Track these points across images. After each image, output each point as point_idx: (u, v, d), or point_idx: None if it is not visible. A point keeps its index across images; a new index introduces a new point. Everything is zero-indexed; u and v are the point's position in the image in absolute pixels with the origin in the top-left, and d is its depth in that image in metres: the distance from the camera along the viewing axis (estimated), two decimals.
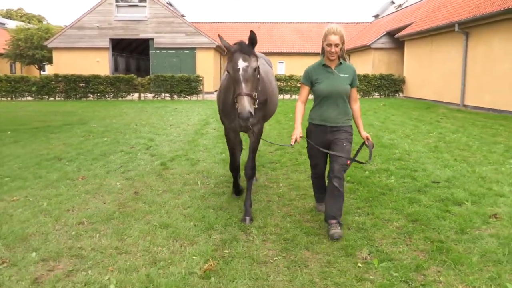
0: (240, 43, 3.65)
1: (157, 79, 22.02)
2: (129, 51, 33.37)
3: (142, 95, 22.43)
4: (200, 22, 36.94)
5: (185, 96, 22.27)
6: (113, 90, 21.82)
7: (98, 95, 21.77)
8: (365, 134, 3.99)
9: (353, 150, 4.18)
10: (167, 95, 22.27)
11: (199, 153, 7.60)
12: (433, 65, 18.39)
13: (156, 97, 22.22)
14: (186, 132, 10.24)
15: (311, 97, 4.08)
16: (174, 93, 22.16)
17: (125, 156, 7.35)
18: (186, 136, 9.59)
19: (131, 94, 22.38)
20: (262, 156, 7.09)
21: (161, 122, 12.15)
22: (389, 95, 22.32)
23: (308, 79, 3.94)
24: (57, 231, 3.91)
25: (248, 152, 4.45)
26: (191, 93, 22.26)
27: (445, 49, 17.24)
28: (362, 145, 4.09)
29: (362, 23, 38.00)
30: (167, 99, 22.13)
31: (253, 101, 3.55)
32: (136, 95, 22.44)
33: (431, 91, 18.61)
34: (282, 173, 6.09)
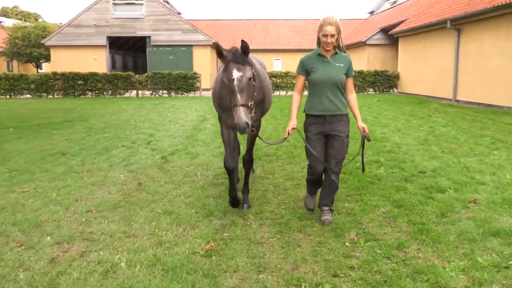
0: (234, 52, 3.66)
1: (154, 76, 22.28)
2: (126, 49, 33.53)
3: (140, 92, 22.68)
4: (196, 20, 37.08)
5: (182, 93, 22.54)
6: (111, 87, 22.07)
7: (96, 92, 22.01)
8: (362, 125, 3.96)
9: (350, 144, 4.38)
10: (165, 92, 22.53)
11: (198, 147, 7.89)
12: (426, 61, 18.73)
13: (154, 94, 22.48)
14: (184, 127, 10.52)
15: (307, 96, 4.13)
16: (172, 90, 22.42)
17: (126, 150, 7.64)
18: (184, 131, 9.87)
19: (129, 91, 22.65)
20: (259, 150, 7.39)
21: (160, 118, 12.43)
22: (384, 91, 22.65)
23: (304, 68, 3.96)
24: (68, 218, 4.21)
25: (246, 145, 4.65)
26: (188, 90, 22.53)
27: (437, 45, 17.57)
28: (363, 140, 4.04)
29: (357, 19, 38.29)
30: (165, 96, 22.39)
31: (249, 111, 3.58)
32: (134, 92, 22.69)
33: (424, 87, 18.95)
34: (278, 165, 6.40)
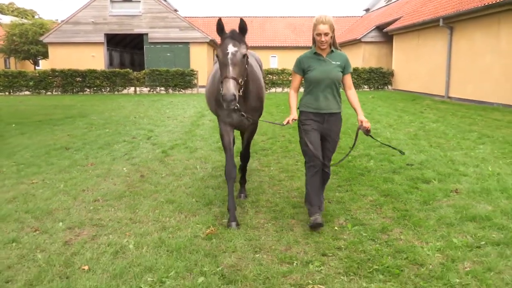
0: (232, 30, 3.75)
1: (152, 73, 22.50)
2: (123, 46, 33.70)
3: (138, 89, 22.91)
4: (193, 17, 37.28)
5: (180, 89, 22.78)
6: (109, 84, 22.28)
7: (94, 89, 22.22)
8: (362, 119, 3.92)
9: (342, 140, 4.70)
10: (162, 89, 22.77)
11: (196, 142, 8.19)
12: (420, 58, 19.07)
13: (152, 91, 22.71)
14: (183, 123, 10.81)
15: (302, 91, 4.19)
16: (169, 87, 22.66)
17: (128, 145, 7.93)
18: (183, 127, 10.16)
19: (127, 88, 22.85)
20: (255, 145, 7.69)
21: (158, 115, 12.70)
22: (378, 87, 22.98)
23: (300, 67, 3.98)
24: (77, 207, 4.51)
25: (243, 143, 4.77)
26: (185, 87, 22.77)
27: (431, 43, 17.91)
28: (357, 131, 3.98)
29: (353, 16, 38.59)
30: (162, 92, 22.63)
31: (238, 87, 3.60)
32: (132, 89, 22.91)
33: (418, 84, 19.30)
34: (273, 159, 6.71)
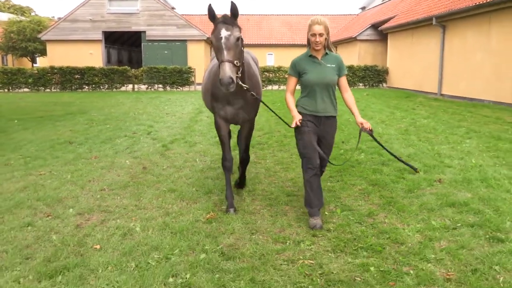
0: (223, 15, 3.77)
1: (150, 70, 22.76)
2: (121, 43, 33.92)
3: (136, 86, 23.16)
4: (190, 15, 37.48)
5: (177, 87, 23.05)
6: (107, 81, 22.53)
7: (93, 86, 22.46)
8: (361, 121, 4.01)
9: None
10: (160, 86, 23.03)
11: (195, 137, 8.50)
12: (414, 56, 19.43)
13: (150, 88, 22.97)
14: (181, 119, 11.10)
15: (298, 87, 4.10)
16: (167, 84, 22.92)
17: (129, 140, 8.22)
18: (182, 123, 10.46)
19: (125, 86, 23.11)
20: (251, 139, 7.98)
21: (157, 111, 12.99)
22: (373, 85, 23.34)
23: (296, 70, 3.98)
24: (85, 195, 4.81)
25: (241, 142, 4.95)
26: (183, 84, 23.05)
27: (424, 41, 18.26)
28: (360, 133, 4.14)
29: (349, 15, 38.92)
30: (160, 90, 22.89)
31: (235, 69, 3.61)
32: (130, 86, 23.16)
33: (412, 81, 19.66)
34: (269, 152, 7.03)
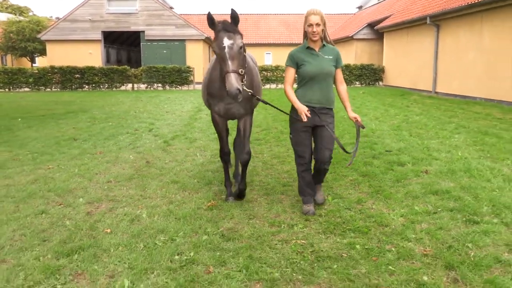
0: (224, 22, 3.74)
1: (149, 70, 23.06)
2: (120, 43, 34.18)
3: (135, 85, 23.46)
4: (189, 14, 37.79)
5: (176, 86, 23.36)
6: (107, 80, 22.82)
7: (93, 85, 22.75)
8: (353, 115, 4.02)
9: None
10: (159, 85, 23.33)
11: (195, 133, 8.81)
12: (409, 55, 19.77)
13: (149, 87, 23.27)
14: (181, 117, 11.41)
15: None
16: (166, 83, 23.23)
17: (131, 136, 8.53)
18: (182, 120, 10.77)
19: (124, 85, 23.40)
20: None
21: (157, 110, 13.29)
22: (370, 84, 23.68)
23: (294, 60, 3.99)
24: (93, 186, 5.12)
25: (240, 139, 4.92)
26: (182, 83, 23.36)
27: (419, 40, 18.60)
28: (358, 129, 4.12)
29: (346, 14, 39.26)
30: (159, 89, 23.19)
31: (240, 78, 3.66)
32: (130, 85, 23.46)
33: (407, 80, 20.01)
34: (266, 147, 7.35)
